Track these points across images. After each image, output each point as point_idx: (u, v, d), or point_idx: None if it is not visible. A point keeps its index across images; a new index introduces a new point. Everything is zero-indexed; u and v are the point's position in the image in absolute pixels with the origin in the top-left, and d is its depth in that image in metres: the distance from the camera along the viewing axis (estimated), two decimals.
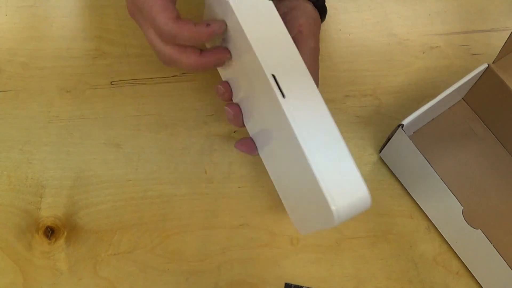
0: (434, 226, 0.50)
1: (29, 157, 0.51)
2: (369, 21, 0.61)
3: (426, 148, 0.47)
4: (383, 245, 0.50)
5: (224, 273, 0.48)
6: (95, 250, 0.48)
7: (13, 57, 0.56)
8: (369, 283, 0.48)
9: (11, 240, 0.48)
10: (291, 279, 0.48)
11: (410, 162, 0.48)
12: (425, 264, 0.49)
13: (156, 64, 0.57)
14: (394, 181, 0.52)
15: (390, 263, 0.49)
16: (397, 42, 0.60)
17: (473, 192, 0.51)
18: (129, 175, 0.51)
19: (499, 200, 0.51)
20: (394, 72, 0.58)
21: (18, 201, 0.49)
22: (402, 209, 0.51)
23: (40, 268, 0.47)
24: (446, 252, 0.50)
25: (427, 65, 0.59)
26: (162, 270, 0.48)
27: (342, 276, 0.48)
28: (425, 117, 0.52)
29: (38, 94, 0.54)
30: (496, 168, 0.53)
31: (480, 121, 0.55)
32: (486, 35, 0.61)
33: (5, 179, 0.50)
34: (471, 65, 0.57)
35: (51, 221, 0.49)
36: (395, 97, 0.57)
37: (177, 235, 0.49)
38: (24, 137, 0.52)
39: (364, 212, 0.37)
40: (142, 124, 0.53)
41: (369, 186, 0.52)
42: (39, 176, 0.50)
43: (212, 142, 0.53)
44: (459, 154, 0.53)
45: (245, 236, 0.50)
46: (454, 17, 0.62)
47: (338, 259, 0.49)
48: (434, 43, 0.60)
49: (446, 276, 0.49)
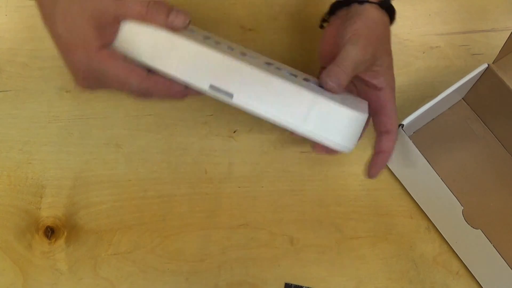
0: (434, 226, 0.50)
1: (29, 157, 0.51)
2: None
3: (426, 148, 0.47)
4: (383, 245, 0.50)
5: (224, 273, 0.48)
6: (95, 250, 0.48)
7: (13, 57, 0.56)
8: (369, 283, 0.48)
9: (11, 240, 0.48)
10: (291, 279, 0.48)
11: (410, 162, 0.48)
12: (425, 264, 0.49)
13: None
14: (394, 181, 0.52)
15: (390, 263, 0.49)
16: (397, 42, 0.60)
17: (473, 192, 0.51)
18: (129, 175, 0.51)
19: (499, 200, 0.51)
20: (394, 72, 0.58)
21: (18, 201, 0.49)
22: (402, 209, 0.51)
23: (40, 268, 0.47)
24: (446, 252, 0.50)
25: (427, 65, 0.59)
26: (162, 270, 0.48)
27: (342, 276, 0.48)
28: (425, 117, 0.52)
29: (38, 94, 0.54)
30: (496, 168, 0.53)
31: (480, 121, 0.55)
32: (486, 35, 0.61)
33: (5, 179, 0.50)
34: (471, 65, 0.57)
35: (51, 221, 0.49)
36: (395, 97, 0.57)
37: (177, 235, 0.49)
38: (24, 137, 0.52)
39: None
40: (142, 124, 0.53)
41: (369, 186, 0.53)
42: (39, 176, 0.50)
43: (212, 142, 0.53)
44: (459, 154, 0.53)
45: (245, 236, 0.49)
46: (454, 17, 0.62)
47: (338, 259, 0.49)
48: (434, 43, 0.60)
49: (446, 276, 0.49)
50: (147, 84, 0.38)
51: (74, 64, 0.37)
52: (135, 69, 0.37)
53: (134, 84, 0.37)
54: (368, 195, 0.52)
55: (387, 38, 0.46)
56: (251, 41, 0.59)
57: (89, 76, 0.38)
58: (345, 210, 0.51)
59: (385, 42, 0.46)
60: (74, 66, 0.37)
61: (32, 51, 0.56)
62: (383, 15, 0.46)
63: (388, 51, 0.46)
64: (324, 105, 0.38)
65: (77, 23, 0.36)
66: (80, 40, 0.36)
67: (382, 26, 0.46)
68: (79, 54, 0.36)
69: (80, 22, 0.36)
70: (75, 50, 0.36)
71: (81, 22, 0.36)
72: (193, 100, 0.55)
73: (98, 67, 0.37)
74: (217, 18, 0.60)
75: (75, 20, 0.36)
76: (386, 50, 0.46)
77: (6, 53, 0.56)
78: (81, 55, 0.36)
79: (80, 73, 0.37)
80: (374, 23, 0.45)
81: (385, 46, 0.46)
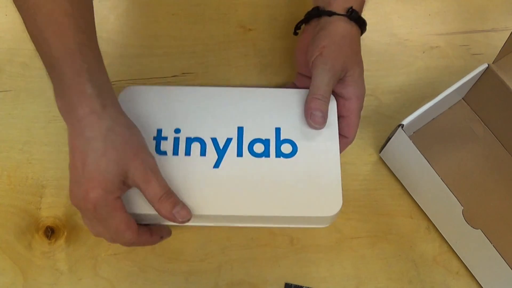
0: (434, 226, 0.50)
1: (29, 157, 0.51)
2: (369, 21, 0.61)
3: (426, 148, 0.47)
4: (383, 245, 0.50)
5: (224, 273, 0.48)
6: (95, 250, 0.48)
7: (13, 57, 0.56)
8: (369, 283, 0.48)
9: (11, 240, 0.48)
10: (291, 279, 0.48)
11: (410, 162, 0.48)
12: (425, 264, 0.49)
13: (155, 64, 0.57)
14: (394, 181, 0.52)
15: (390, 263, 0.49)
16: (397, 42, 0.60)
17: (473, 192, 0.51)
18: None
19: (499, 200, 0.51)
20: (394, 72, 0.58)
21: (18, 201, 0.49)
22: (402, 209, 0.51)
23: (40, 268, 0.47)
24: (446, 252, 0.50)
25: (427, 65, 0.59)
26: (162, 270, 0.48)
27: (342, 276, 0.48)
28: (425, 117, 0.52)
29: (38, 94, 0.54)
30: (496, 168, 0.53)
31: (480, 121, 0.55)
32: (486, 35, 0.61)
33: (5, 179, 0.50)
34: (471, 65, 0.57)
35: (51, 221, 0.49)
36: (395, 97, 0.57)
37: (177, 235, 0.49)
38: (24, 137, 0.52)
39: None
40: None
41: (369, 186, 0.53)
42: (39, 176, 0.50)
43: None
44: (459, 154, 0.53)
45: (245, 236, 0.49)
46: (454, 17, 0.62)
47: (338, 259, 0.49)
48: (434, 43, 0.60)
49: (446, 276, 0.49)
50: (136, 239, 0.41)
51: (87, 197, 0.38)
52: (132, 226, 0.41)
53: (127, 238, 0.41)
54: (368, 195, 0.52)
55: (356, 50, 0.48)
56: (251, 41, 0.59)
57: (94, 214, 0.39)
58: (345, 210, 0.50)
59: (354, 54, 0.47)
60: (85, 198, 0.38)
61: (32, 51, 0.55)
62: (352, 27, 0.47)
63: (357, 62, 0.48)
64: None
65: (110, 168, 0.38)
66: (105, 183, 0.38)
67: (350, 39, 0.47)
68: (99, 193, 0.38)
69: (112, 169, 0.38)
70: (97, 187, 0.38)
71: (113, 169, 0.38)
72: None
73: (108, 212, 0.39)
74: (217, 18, 0.60)
75: (108, 164, 0.38)
76: (356, 62, 0.47)
77: (6, 53, 0.56)
78: (99, 195, 0.38)
79: (89, 206, 0.39)
80: (341, 38, 0.46)
81: (354, 58, 0.47)
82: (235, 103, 0.48)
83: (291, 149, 0.46)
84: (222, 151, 0.45)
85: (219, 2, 0.61)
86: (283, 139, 0.46)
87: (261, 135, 0.46)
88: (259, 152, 0.45)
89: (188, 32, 0.59)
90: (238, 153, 0.45)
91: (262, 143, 0.46)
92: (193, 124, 0.46)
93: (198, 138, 0.46)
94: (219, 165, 0.45)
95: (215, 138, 0.46)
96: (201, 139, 0.46)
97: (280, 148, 0.46)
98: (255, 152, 0.45)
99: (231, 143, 0.45)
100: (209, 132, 0.46)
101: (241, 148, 0.45)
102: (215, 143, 0.45)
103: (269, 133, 0.46)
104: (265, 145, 0.46)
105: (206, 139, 0.46)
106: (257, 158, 0.45)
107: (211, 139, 0.46)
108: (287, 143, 0.46)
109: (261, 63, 0.58)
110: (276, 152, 0.45)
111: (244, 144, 0.46)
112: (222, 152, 0.45)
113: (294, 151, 0.46)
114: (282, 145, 0.46)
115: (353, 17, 0.47)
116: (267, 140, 0.46)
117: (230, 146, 0.45)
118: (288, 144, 0.46)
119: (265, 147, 0.46)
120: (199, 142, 0.46)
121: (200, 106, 0.47)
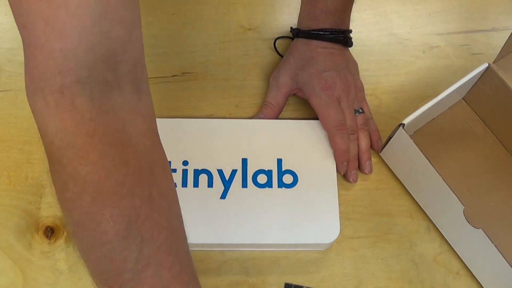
0: (434, 226, 0.50)
1: (29, 157, 0.51)
2: (369, 21, 0.61)
3: (426, 148, 0.47)
4: (383, 245, 0.50)
5: (224, 273, 0.48)
6: None
7: (13, 57, 0.56)
8: (369, 283, 0.48)
9: (11, 240, 0.48)
10: (291, 279, 0.48)
11: (410, 162, 0.48)
12: (425, 264, 0.49)
13: (155, 64, 0.57)
14: (394, 181, 0.52)
15: (390, 263, 0.49)
16: (397, 42, 0.60)
17: (473, 192, 0.51)
18: None
19: (500, 200, 0.51)
20: (394, 72, 0.58)
21: (18, 201, 0.49)
22: (402, 209, 0.51)
23: (40, 268, 0.47)
24: (447, 252, 0.49)
25: (427, 65, 0.59)
26: None
27: (342, 276, 0.48)
28: (426, 117, 0.52)
29: None
30: (496, 168, 0.53)
31: (480, 121, 0.55)
32: (486, 35, 0.61)
33: (5, 179, 0.50)
34: (471, 65, 0.57)
35: (51, 221, 0.49)
36: (395, 97, 0.57)
37: None
38: (24, 137, 0.52)
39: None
40: None
41: (370, 186, 0.53)
42: (39, 176, 0.50)
43: None
44: (459, 153, 0.53)
45: None
46: (454, 16, 0.62)
47: (338, 259, 0.49)
48: (434, 43, 0.60)
49: (446, 276, 0.49)
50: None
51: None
52: None
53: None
54: (368, 195, 0.52)
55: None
56: (251, 41, 0.59)
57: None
58: (345, 210, 0.50)
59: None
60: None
61: None
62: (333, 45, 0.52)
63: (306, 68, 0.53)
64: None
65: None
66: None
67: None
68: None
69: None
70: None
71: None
72: (193, 100, 0.55)
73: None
74: (217, 18, 0.60)
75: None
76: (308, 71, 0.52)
77: (6, 53, 0.56)
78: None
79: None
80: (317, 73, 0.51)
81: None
82: (239, 135, 0.50)
83: (292, 179, 0.48)
84: (228, 182, 0.48)
85: (219, 2, 0.61)
86: (285, 170, 0.49)
87: (264, 166, 0.49)
88: (263, 182, 0.48)
89: (188, 32, 0.59)
90: (243, 184, 0.48)
91: (265, 174, 0.48)
92: (200, 156, 0.49)
93: (205, 170, 0.48)
94: (225, 196, 0.47)
95: (221, 169, 0.48)
96: (208, 171, 0.48)
97: (282, 179, 0.48)
98: (259, 183, 0.48)
99: (236, 174, 0.48)
100: (216, 164, 0.48)
101: (245, 179, 0.48)
102: (221, 174, 0.48)
103: (271, 164, 0.49)
104: (268, 176, 0.48)
105: (213, 171, 0.48)
106: (260, 188, 0.48)
107: (217, 170, 0.48)
108: (288, 174, 0.49)
109: (261, 63, 0.58)
110: (278, 183, 0.48)
111: (248, 175, 0.48)
112: (228, 183, 0.48)
113: (295, 181, 0.48)
114: (283, 175, 0.48)
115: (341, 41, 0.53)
116: (269, 171, 0.49)
117: (235, 177, 0.48)
118: (289, 174, 0.49)
119: (268, 177, 0.48)
120: (206, 174, 0.48)
121: (206, 138, 0.50)
